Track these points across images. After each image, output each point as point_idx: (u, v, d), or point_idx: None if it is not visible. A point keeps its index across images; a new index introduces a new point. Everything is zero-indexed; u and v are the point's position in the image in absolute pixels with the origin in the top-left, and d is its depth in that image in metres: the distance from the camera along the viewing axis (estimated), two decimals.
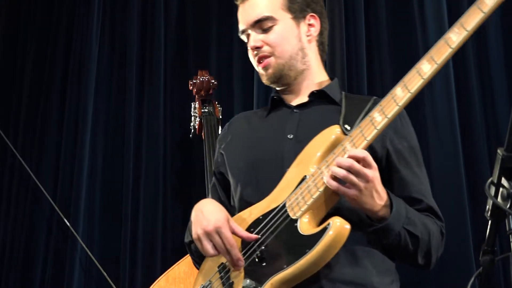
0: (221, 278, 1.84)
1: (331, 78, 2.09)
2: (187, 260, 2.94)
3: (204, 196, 3.20)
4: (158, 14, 4.08)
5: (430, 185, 1.94)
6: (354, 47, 3.44)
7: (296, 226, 1.71)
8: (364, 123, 1.70)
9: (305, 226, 1.70)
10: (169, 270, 2.93)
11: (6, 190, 4.05)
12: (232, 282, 1.80)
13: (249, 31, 2.02)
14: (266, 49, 1.99)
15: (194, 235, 1.83)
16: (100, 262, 3.64)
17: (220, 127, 3.47)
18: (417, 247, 1.77)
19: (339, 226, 1.63)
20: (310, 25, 2.04)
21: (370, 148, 1.77)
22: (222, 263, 1.85)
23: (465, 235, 2.96)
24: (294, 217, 1.73)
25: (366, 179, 1.64)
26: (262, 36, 1.99)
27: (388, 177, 1.85)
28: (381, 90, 3.40)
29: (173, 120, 3.95)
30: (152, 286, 2.88)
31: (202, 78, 3.58)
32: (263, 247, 1.75)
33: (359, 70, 3.36)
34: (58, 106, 4.11)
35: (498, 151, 1.22)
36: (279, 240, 1.74)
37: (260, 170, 1.92)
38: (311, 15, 2.04)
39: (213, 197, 2.10)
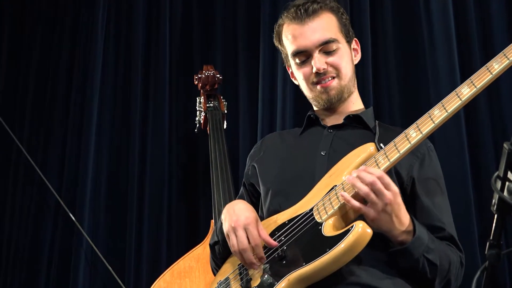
0: (240, 274, 1.89)
1: (366, 106, 2.17)
2: (192, 254, 2.95)
3: (209, 190, 3.22)
4: (164, 9, 4.08)
5: None
6: (360, 42, 3.43)
7: (320, 229, 1.75)
8: (398, 139, 1.75)
9: (329, 229, 1.74)
10: (174, 264, 2.93)
11: (12, 185, 4.07)
12: (250, 279, 1.83)
13: (313, 52, 2.04)
14: (331, 70, 2.04)
15: (225, 230, 1.89)
16: (105, 257, 3.65)
17: (225, 121, 3.47)
18: (435, 275, 1.80)
19: (361, 230, 1.66)
20: (354, 49, 2.14)
21: (397, 176, 1.86)
22: None
23: (471, 230, 2.95)
24: (319, 221, 1.77)
25: (384, 201, 1.67)
26: (326, 58, 2.04)
27: (412, 204, 1.89)
28: (386, 85, 3.39)
29: (178, 114, 3.96)
30: (157, 280, 2.89)
31: (207, 73, 3.58)
32: (284, 247, 1.80)
33: (364, 67, 3.35)
34: (63, 101, 4.13)
35: (505, 145, 1.22)
36: (301, 240, 1.78)
37: (291, 181, 1.97)
38: (355, 40, 2.14)
39: None
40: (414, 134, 1.72)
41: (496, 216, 1.23)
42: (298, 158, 2.03)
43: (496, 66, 1.66)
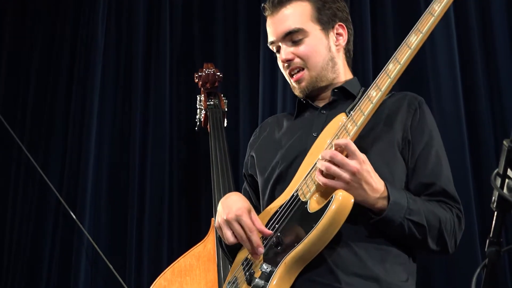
0: (243, 269, 1.89)
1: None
2: (193, 252, 2.95)
3: (209, 188, 3.22)
4: (164, 6, 4.08)
5: None
6: (360, 38, 3.44)
7: (306, 207, 1.75)
8: (362, 102, 1.76)
9: (314, 205, 1.74)
10: (175, 262, 2.94)
11: (13, 183, 4.07)
12: (253, 272, 1.83)
13: (280, 43, 2.03)
14: (297, 61, 2.01)
15: (216, 224, 1.90)
16: (106, 255, 3.66)
17: (225, 119, 3.48)
18: (426, 236, 1.78)
19: (342, 199, 1.66)
20: (338, 34, 2.06)
21: (397, 142, 1.85)
22: (246, 257, 1.89)
23: (471, 227, 2.95)
24: (304, 200, 1.78)
25: (350, 170, 1.67)
26: (293, 49, 2.01)
27: (407, 166, 1.89)
28: None
29: (179, 113, 3.96)
30: (158, 278, 2.89)
31: (208, 71, 3.58)
32: (278, 233, 1.80)
33: (365, 63, 3.35)
34: (64, 99, 4.13)
35: (504, 142, 1.22)
36: (292, 223, 1.78)
37: (286, 167, 1.96)
38: (339, 25, 2.06)
39: None
40: (375, 93, 1.74)
41: (495, 213, 1.23)
42: (291, 143, 2.01)
43: (437, 7, 1.69)
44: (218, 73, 3.59)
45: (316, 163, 1.78)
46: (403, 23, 3.44)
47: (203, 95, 3.55)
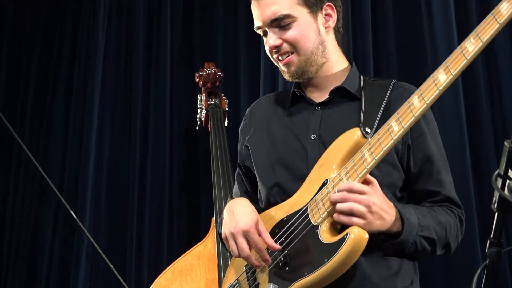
0: (248, 278, 1.88)
1: (350, 62, 2.07)
2: (193, 252, 2.95)
3: (210, 188, 3.22)
4: (165, 5, 4.08)
5: None
6: (361, 37, 3.44)
7: (317, 233, 1.73)
8: (382, 131, 1.70)
9: (325, 233, 1.72)
10: (175, 262, 2.94)
11: (13, 182, 4.07)
12: (258, 284, 1.82)
13: (266, 29, 1.97)
14: (285, 46, 1.95)
15: (222, 235, 1.88)
16: (106, 254, 3.66)
17: (226, 119, 3.47)
18: (435, 246, 1.80)
19: (356, 237, 1.64)
20: (327, 15, 1.99)
21: (395, 150, 1.83)
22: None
23: (471, 228, 2.95)
24: (315, 223, 1.75)
25: (366, 205, 1.66)
26: (280, 34, 1.94)
27: (408, 171, 1.88)
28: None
29: (179, 112, 3.96)
30: (158, 277, 2.89)
31: (209, 71, 3.58)
32: (286, 251, 1.78)
33: (366, 60, 3.35)
34: (64, 99, 4.13)
35: (505, 143, 1.22)
36: (301, 246, 1.76)
37: (285, 170, 1.93)
38: (328, 5, 1.99)
39: (240, 188, 2.14)
40: (397, 128, 1.67)
41: (496, 214, 1.23)
42: (289, 142, 1.97)
43: (470, 49, 1.61)
44: (219, 73, 3.59)
45: (326, 181, 1.77)
46: (403, 24, 3.44)
47: (204, 94, 3.56)
